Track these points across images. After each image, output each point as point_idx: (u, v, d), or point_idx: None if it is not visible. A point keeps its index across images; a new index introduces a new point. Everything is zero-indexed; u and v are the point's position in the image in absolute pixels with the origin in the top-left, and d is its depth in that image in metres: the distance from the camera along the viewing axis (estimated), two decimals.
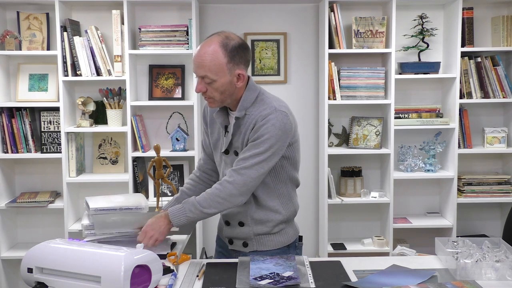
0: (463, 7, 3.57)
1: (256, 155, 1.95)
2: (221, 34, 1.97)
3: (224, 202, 1.97)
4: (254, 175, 1.96)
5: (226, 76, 1.94)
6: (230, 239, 2.14)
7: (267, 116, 1.96)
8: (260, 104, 2.01)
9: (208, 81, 1.94)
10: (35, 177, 3.82)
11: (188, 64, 3.79)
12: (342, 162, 3.88)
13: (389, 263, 1.99)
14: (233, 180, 1.96)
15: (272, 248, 2.09)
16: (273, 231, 2.09)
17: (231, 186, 1.96)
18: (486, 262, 1.83)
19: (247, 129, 2.00)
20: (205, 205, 1.98)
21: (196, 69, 1.96)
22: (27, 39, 3.63)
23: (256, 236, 2.09)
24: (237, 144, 2.04)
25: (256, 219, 2.07)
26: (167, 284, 1.76)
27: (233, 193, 1.96)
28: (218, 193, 1.97)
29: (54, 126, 3.62)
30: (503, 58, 3.72)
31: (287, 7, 3.87)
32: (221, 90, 1.96)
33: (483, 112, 3.87)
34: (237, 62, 1.95)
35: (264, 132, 1.95)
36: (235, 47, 1.94)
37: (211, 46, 1.94)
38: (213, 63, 1.92)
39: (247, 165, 1.95)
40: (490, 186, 3.75)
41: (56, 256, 1.70)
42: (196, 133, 3.66)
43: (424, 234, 3.86)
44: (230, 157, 2.07)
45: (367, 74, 3.68)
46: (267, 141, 1.95)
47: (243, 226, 2.09)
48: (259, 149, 1.95)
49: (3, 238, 3.65)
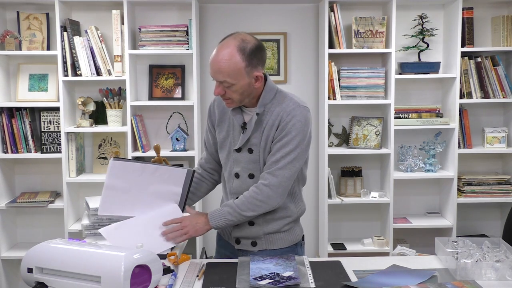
0: (463, 7, 3.57)
1: (287, 155, 1.97)
2: (237, 37, 1.94)
3: (262, 205, 1.99)
4: (287, 175, 1.98)
5: (244, 79, 1.94)
6: (238, 239, 2.13)
7: (291, 112, 1.98)
8: (279, 101, 2.03)
9: (227, 85, 1.94)
10: (35, 177, 3.82)
11: (188, 64, 3.79)
12: (342, 162, 3.88)
13: (389, 263, 1.99)
14: (269, 182, 1.97)
15: (281, 247, 2.10)
16: (282, 229, 2.10)
17: (267, 188, 1.97)
18: (486, 262, 1.83)
19: (271, 126, 2.00)
20: (244, 208, 1.99)
21: (214, 74, 1.94)
22: (27, 39, 3.63)
23: (266, 235, 2.09)
24: (255, 140, 2.03)
25: (267, 218, 2.07)
26: (167, 284, 1.76)
27: (270, 195, 1.97)
28: (255, 195, 1.98)
29: (54, 126, 3.62)
30: (503, 58, 3.72)
31: (287, 7, 3.87)
32: (240, 92, 1.96)
33: (483, 112, 3.87)
34: (255, 65, 1.95)
35: (291, 130, 1.97)
36: (252, 50, 1.93)
37: (229, 51, 1.90)
38: (231, 68, 1.90)
39: (280, 165, 1.97)
40: (490, 186, 3.75)
41: (56, 256, 1.70)
42: (196, 133, 3.66)
43: (424, 234, 3.87)
44: (242, 155, 2.06)
45: (367, 74, 3.68)
46: (295, 138, 1.97)
47: (253, 226, 2.08)
48: (288, 148, 1.97)
49: (3, 238, 3.65)
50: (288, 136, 1.97)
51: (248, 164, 2.05)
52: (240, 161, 2.07)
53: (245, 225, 2.09)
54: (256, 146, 2.03)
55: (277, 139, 1.99)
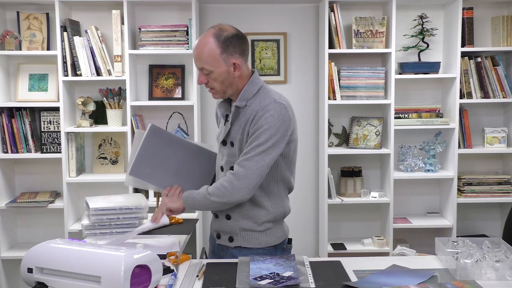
0: (463, 7, 3.57)
1: (256, 147, 1.97)
2: (215, 27, 2.02)
3: (226, 193, 1.98)
4: (254, 167, 1.96)
5: (221, 66, 1.99)
6: (218, 233, 2.16)
7: (266, 107, 1.99)
8: (261, 97, 2.04)
9: (206, 72, 2.00)
10: (35, 177, 3.82)
11: (188, 64, 3.79)
12: (342, 162, 3.88)
13: (389, 263, 1.99)
14: (235, 171, 1.98)
15: (257, 247, 2.09)
16: (258, 228, 2.08)
17: (233, 177, 1.97)
18: (486, 262, 1.83)
19: (247, 120, 2.02)
20: (211, 192, 2.01)
21: (195, 61, 2.04)
22: (27, 39, 3.63)
23: (242, 231, 2.09)
24: (235, 134, 2.06)
25: (243, 213, 2.07)
26: (167, 284, 1.76)
27: (235, 184, 1.97)
28: (223, 182, 2.00)
29: (54, 126, 3.62)
30: (503, 58, 3.72)
31: (287, 7, 3.87)
32: (220, 80, 2.00)
33: (483, 112, 3.87)
34: (231, 52, 1.99)
35: (263, 123, 1.97)
36: (228, 37, 1.99)
37: (205, 38, 1.99)
38: (207, 54, 1.97)
39: (248, 157, 1.97)
40: (490, 186, 3.75)
41: (56, 256, 1.70)
42: (196, 133, 3.66)
43: (424, 234, 3.86)
44: (227, 148, 2.09)
45: (367, 74, 3.68)
46: (266, 132, 1.97)
47: (230, 220, 2.10)
48: (258, 140, 1.97)
49: (3, 238, 3.65)
50: (259, 129, 1.98)
51: (230, 157, 2.07)
52: (224, 154, 2.10)
53: (223, 218, 2.11)
54: (236, 140, 2.06)
55: (251, 133, 2.01)
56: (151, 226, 2.14)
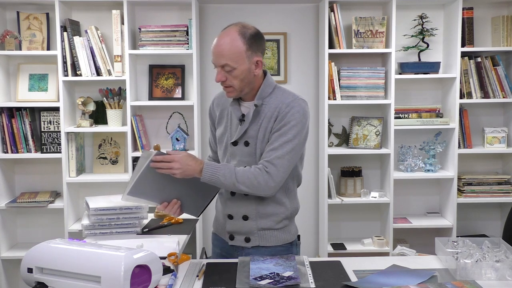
0: (463, 7, 3.57)
1: (286, 143, 1.98)
2: (237, 24, 2.02)
3: (258, 187, 1.97)
4: (286, 165, 1.98)
5: (245, 63, 1.98)
6: (231, 235, 2.12)
7: (290, 104, 2.01)
8: (278, 95, 2.06)
9: (229, 69, 1.97)
10: (35, 177, 3.82)
11: (188, 64, 3.79)
12: (342, 162, 3.88)
13: (389, 263, 1.99)
14: (269, 170, 1.97)
15: (275, 245, 2.09)
16: (276, 226, 2.09)
17: (268, 176, 1.96)
18: (486, 262, 1.83)
19: (269, 118, 2.02)
20: (240, 180, 1.96)
21: (216, 59, 1.99)
22: (27, 39, 3.63)
23: (260, 230, 2.08)
24: (252, 133, 2.04)
25: (261, 212, 2.07)
26: (167, 284, 1.76)
27: (269, 182, 1.96)
28: (257, 175, 1.96)
29: (54, 126, 3.62)
30: (503, 58, 3.72)
31: (287, 7, 3.87)
32: (240, 78, 1.99)
33: (483, 112, 3.87)
34: (255, 50, 2.00)
35: (290, 119, 1.99)
36: (252, 35, 2.00)
37: (230, 35, 1.98)
38: (233, 51, 1.96)
39: (279, 154, 1.97)
40: (490, 186, 3.75)
41: (56, 256, 1.70)
42: (196, 133, 3.66)
43: (424, 234, 3.86)
44: (239, 148, 2.06)
45: (367, 74, 3.68)
46: (294, 128, 1.99)
47: (247, 220, 2.08)
48: (287, 136, 1.98)
49: (3, 238, 3.65)
50: (287, 125, 1.99)
51: (244, 157, 2.05)
52: (236, 155, 2.07)
53: (239, 219, 2.09)
54: (253, 139, 2.04)
55: (276, 129, 2.00)
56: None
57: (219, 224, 2.19)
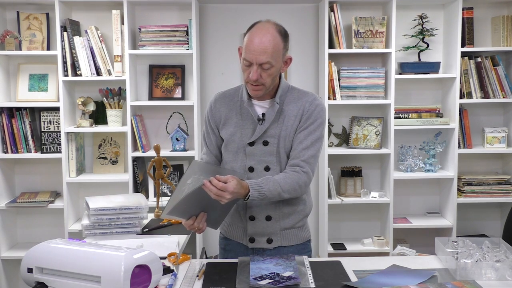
0: (463, 7, 3.57)
1: (316, 141, 2.02)
2: (270, 21, 1.99)
3: (299, 190, 1.99)
4: (316, 162, 2.03)
5: (280, 61, 1.99)
6: (252, 237, 2.08)
7: (314, 102, 2.04)
8: (294, 93, 2.07)
9: (267, 67, 1.94)
10: (35, 177, 3.82)
11: (188, 64, 3.79)
12: (342, 162, 3.88)
13: (389, 263, 1.99)
14: (306, 170, 1.98)
15: (296, 243, 2.10)
16: (297, 225, 2.10)
17: (305, 176, 1.98)
18: (486, 262, 1.83)
19: (295, 116, 2.03)
20: (285, 189, 1.95)
21: (257, 56, 1.92)
22: (27, 39, 3.63)
23: (282, 230, 2.08)
24: (273, 132, 2.02)
25: (284, 212, 2.07)
26: (167, 284, 1.76)
27: (307, 182, 2.00)
28: (297, 180, 1.97)
29: (54, 126, 3.62)
30: (503, 58, 3.72)
31: (287, 7, 3.87)
32: (273, 76, 1.99)
33: (483, 112, 3.87)
34: (287, 47, 2.02)
35: (317, 117, 2.03)
36: (286, 32, 2.01)
37: (270, 32, 1.94)
38: (276, 49, 1.94)
39: (312, 153, 2.00)
40: (490, 186, 3.75)
41: (56, 256, 1.70)
42: (196, 133, 3.66)
43: (424, 234, 3.87)
44: (257, 148, 2.03)
45: (367, 74, 3.68)
46: (320, 126, 2.04)
47: (270, 221, 2.06)
48: (316, 134, 2.02)
49: (3, 238, 3.65)
50: (314, 123, 2.02)
51: (263, 156, 2.02)
52: (254, 154, 2.03)
53: (262, 220, 2.05)
54: (273, 138, 2.02)
55: (303, 128, 2.02)
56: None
57: (236, 228, 2.13)
